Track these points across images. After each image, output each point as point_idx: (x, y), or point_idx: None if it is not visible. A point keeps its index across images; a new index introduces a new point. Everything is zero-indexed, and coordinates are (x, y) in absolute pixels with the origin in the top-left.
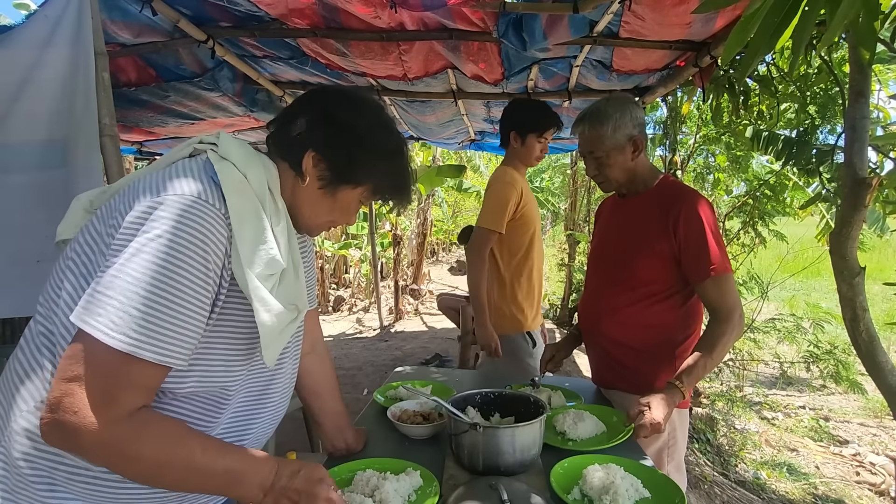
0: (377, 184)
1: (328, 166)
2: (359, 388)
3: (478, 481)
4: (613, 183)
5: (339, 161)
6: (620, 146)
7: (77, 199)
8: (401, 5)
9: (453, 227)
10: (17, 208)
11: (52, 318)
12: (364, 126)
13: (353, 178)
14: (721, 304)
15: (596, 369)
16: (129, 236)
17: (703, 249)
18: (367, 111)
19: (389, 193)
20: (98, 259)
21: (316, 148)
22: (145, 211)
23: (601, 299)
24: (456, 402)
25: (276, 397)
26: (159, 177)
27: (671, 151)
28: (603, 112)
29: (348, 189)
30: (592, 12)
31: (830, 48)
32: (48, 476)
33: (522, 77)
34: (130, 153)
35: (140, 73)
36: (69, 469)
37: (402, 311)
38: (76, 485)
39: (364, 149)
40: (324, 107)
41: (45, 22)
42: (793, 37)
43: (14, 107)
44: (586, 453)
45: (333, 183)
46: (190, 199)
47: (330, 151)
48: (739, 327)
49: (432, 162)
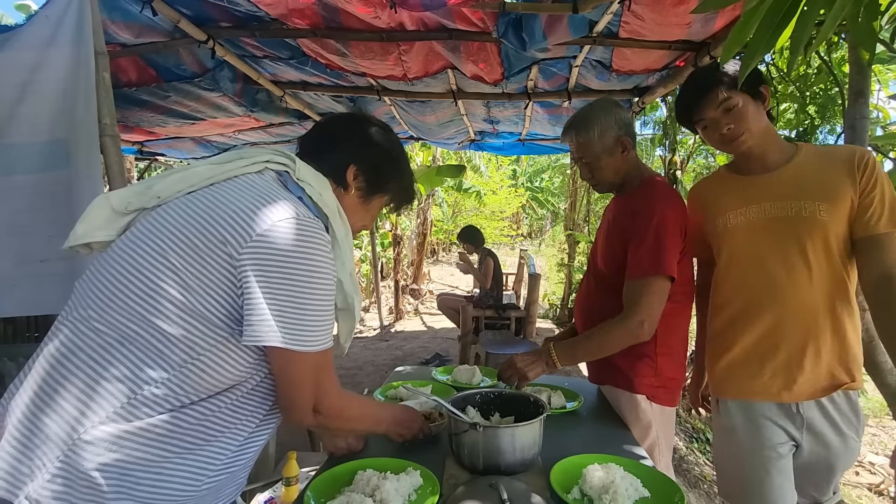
0: (398, 191)
1: (365, 178)
2: (359, 388)
3: (478, 481)
4: (607, 184)
5: (373, 174)
6: (608, 149)
7: (105, 198)
8: (401, 5)
9: (453, 227)
10: (20, 209)
11: (127, 325)
12: (388, 143)
13: (385, 188)
14: (630, 304)
15: (589, 365)
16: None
17: (638, 248)
18: (388, 132)
19: (406, 199)
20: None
21: (356, 163)
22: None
23: (589, 298)
24: (456, 402)
25: None
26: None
27: (671, 151)
28: (588, 118)
29: (379, 197)
30: (592, 12)
31: (830, 48)
32: (117, 483)
33: (522, 77)
34: (131, 153)
35: (140, 73)
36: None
37: (402, 310)
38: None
39: (391, 162)
40: (360, 127)
41: (45, 23)
42: (792, 37)
43: (17, 108)
44: (586, 453)
45: (370, 192)
46: (297, 220)
47: (367, 166)
48: (636, 334)
49: (432, 162)
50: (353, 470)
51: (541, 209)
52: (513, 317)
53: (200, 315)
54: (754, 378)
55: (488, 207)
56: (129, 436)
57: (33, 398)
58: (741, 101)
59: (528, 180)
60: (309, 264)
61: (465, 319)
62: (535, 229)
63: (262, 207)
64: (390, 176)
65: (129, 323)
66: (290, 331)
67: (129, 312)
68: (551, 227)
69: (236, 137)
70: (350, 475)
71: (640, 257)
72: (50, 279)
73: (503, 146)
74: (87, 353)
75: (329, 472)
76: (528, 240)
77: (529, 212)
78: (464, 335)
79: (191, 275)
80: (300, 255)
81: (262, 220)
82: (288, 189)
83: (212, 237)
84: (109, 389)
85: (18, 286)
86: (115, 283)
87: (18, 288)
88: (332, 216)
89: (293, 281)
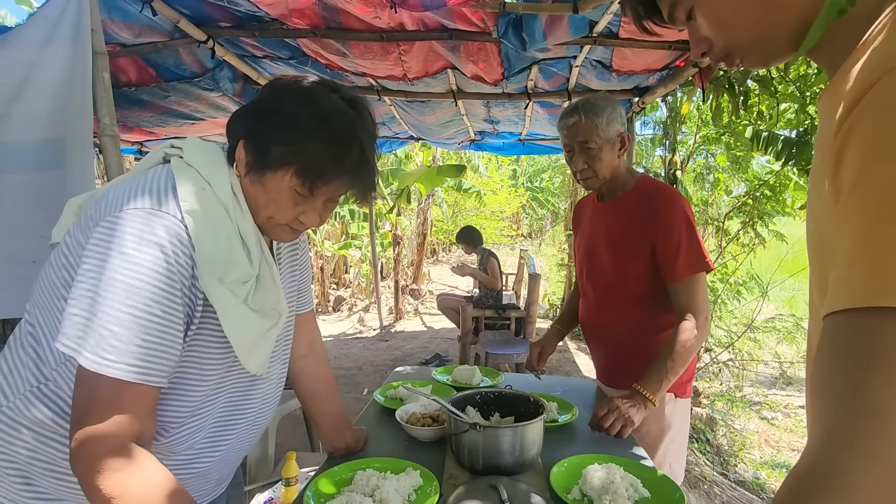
0: (300, 165)
1: (251, 151)
2: (359, 388)
3: (478, 481)
4: (600, 179)
5: (258, 145)
6: (611, 141)
7: (70, 203)
8: (401, 5)
9: (453, 227)
10: (13, 208)
11: (37, 322)
12: (282, 106)
13: (270, 161)
14: (688, 305)
15: (602, 370)
16: (94, 254)
17: (676, 250)
18: (289, 89)
19: (322, 173)
20: (77, 267)
21: (244, 136)
22: (106, 228)
23: (601, 307)
24: (456, 402)
25: (256, 404)
26: (126, 188)
27: (671, 151)
28: (596, 105)
29: (270, 174)
30: (592, 12)
31: None
32: (24, 471)
33: (522, 77)
34: (131, 153)
35: (140, 73)
36: (43, 465)
37: (402, 311)
38: (50, 481)
39: (280, 128)
40: (258, 95)
41: (44, 22)
42: None
43: (13, 107)
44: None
45: (256, 169)
46: (146, 211)
47: (252, 136)
48: (704, 331)
49: (432, 162)
50: (353, 470)
51: (541, 209)
52: (513, 317)
53: None
54: None
55: (488, 207)
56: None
57: None
58: None
59: (528, 180)
60: (129, 262)
61: (464, 319)
62: (535, 229)
63: (125, 197)
64: (277, 143)
65: (32, 320)
66: (76, 332)
67: (32, 308)
68: (551, 227)
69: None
70: (350, 475)
71: (682, 258)
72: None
73: (503, 146)
74: (14, 345)
75: (329, 472)
76: (528, 240)
77: (529, 212)
78: (464, 335)
79: (73, 270)
80: (123, 249)
81: (118, 207)
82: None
83: (89, 230)
84: (17, 379)
85: (10, 287)
86: (38, 283)
87: (11, 289)
88: (189, 202)
89: (102, 275)
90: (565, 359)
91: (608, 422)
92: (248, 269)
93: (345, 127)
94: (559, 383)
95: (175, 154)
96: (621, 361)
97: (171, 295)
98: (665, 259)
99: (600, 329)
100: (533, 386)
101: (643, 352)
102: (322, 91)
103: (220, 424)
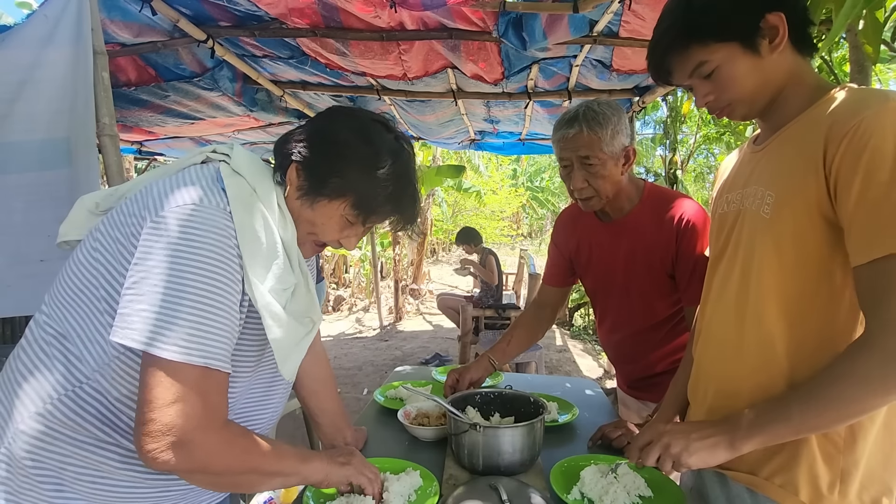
0: (357, 198)
1: (306, 177)
2: (359, 388)
3: (478, 481)
4: (603, 199)
5: (314, 172)
6: (616, 156)
7: (81, 200)
8: (401, 5)
9: (453, 227)
10: (18, 208)
11: (66, 321)
12: (342, 139)
13: (327, 191)
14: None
15: (628, 385)
16: (154, 249)
17: (696, 271)
18: (348, 123)
19: (376, 208)
20: (119, 265)
21: (298, 160)
22: (163, 222)
23: (629, 334)
24: (456, 402)
25: (276, 400)
26: (169, 184)
27: (671, 151)
28: (600, 114)
29: (325, 202)
30: (592, 12)
31: (831, 48)
32: (56, 476)
33: (522, 77)
34: (130, 153)
35: (140, 72)
36: (77, 470)
37: (402, 310)
38: (83, 485)
39: (339, 161)
40: (314, 122)
41: (44, 22)
42: None
43: (14, 106)
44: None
45: (310, 194)
46: (203, 207)
47: (308, 163)
48: None
49: (432, 162)
50: None
51: (541, 209)
52: (513, 317)
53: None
54: None
55: (488, 207)
56: (57, 433)
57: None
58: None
59: (528, 180)
60: (194, 254)
61: (464, 319)
62: (535, 229)
63: (172, 192)
64: (334, 175)
65: (55, 322)
66: (149, 327)
67: (55, 308)
68: (551, 227)
69: (235, 137)
70: None
71: (699, 285)
72: (50, 278)
73: (503, 146)
74: (31, 348)
75: None
76: (528, 239)
77: (529, 211)
78: (464, 335)
79: (113, 269)
80: (185, 243)
81: (168, 203)
82: (216, 179)
83: (131, 227)
84: (43, 383)
85: (16, 286)
86: (61, 281)
87: (16, 288)
88: (236, 204)
89: (171, 269)
90: (565, 359)
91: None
92: (290, 277)
93: (401, 168)
94: (559, 383)
95: (218, 159)
96: (654, 379)
97: (235, 290)
98: (683, 276)
99: (632, 356)
100: (533, 386)
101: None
102: (380, 129)
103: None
